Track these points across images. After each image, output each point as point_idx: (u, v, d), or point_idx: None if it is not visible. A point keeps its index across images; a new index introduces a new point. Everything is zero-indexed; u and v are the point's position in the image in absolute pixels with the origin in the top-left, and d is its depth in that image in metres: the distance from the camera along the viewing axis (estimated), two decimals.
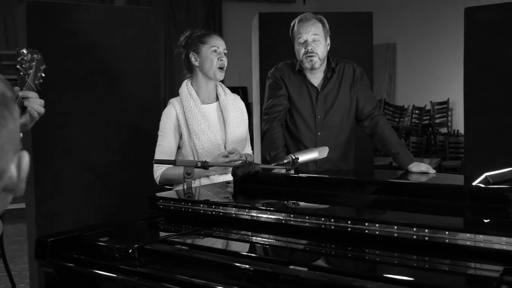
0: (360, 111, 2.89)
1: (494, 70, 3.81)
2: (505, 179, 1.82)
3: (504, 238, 1.33)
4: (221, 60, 2.67)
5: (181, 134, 2.66)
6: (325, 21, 2.84)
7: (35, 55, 1.99)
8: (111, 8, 5.02)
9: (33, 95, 1.91)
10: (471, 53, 3.90)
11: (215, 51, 2.66)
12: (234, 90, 10.99)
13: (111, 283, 1.55)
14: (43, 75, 1.99)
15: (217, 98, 2.77)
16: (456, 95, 9.35)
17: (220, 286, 1.39)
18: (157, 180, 2.69)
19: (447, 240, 1.39)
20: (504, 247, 1.32)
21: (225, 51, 2.72)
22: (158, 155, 2.64)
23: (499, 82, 3.80)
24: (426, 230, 1.42)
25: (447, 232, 1.39)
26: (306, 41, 2.78)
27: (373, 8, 11.87)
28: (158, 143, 2.68)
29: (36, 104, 1.90)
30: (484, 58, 3.85)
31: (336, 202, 1.95)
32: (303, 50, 2.80)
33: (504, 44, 3.80)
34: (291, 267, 1.38)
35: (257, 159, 3.73)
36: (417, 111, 10.80)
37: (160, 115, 2.76)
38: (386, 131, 2.85)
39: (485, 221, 1.62)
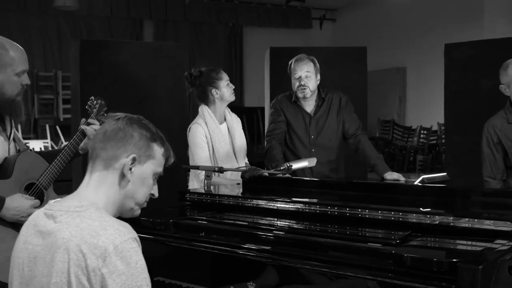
0: (346, 131, 3.63)
1: (468, 98, 4.50)
2: (435, 180, 2.53)
3: (414, 214, 2.04)
4: (232, 87, 3.49)
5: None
6: (316, 61, 3.58)
7: (99, 101, 2.70)
8: (146, 44, 5.80)
9: (95, 122, 2.60)
10: (449, 83, 4.61)
11: (228, 84, 3.44)
12: (253, 110, 12.05)
13: (157, 245, 2.29)
14: (105, 115, 2.65)
15: (225, 119, 3.54)
16: None
17: (226, 246, 2.11)
18: (202, 183, 3.17)
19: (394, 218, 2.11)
20: (422, 221, 2.02)
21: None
22: (200, 163, 3.31)
23: (473, 109, 4.48)
24: (366, 210, 2.14)
25: (390, 212, 2.10)
26: (300, 77, 3.55)
27: (384, 35, 12.61)
28: (196, 154, 3.39)
29: (96, 127, 2.55)
30: (461, 88, 4.55)
31: (315, 194, 2.66)
32: (297, 84, 3.56)
33: (478, 75, 4.49)
34: (274, 232, 2.10)
35: None
36: (424, 131, 11.42)
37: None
38: (367, 147, 3.58)
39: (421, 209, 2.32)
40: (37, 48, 11.51)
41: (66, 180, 5.18)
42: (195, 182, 3.40)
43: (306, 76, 3.54)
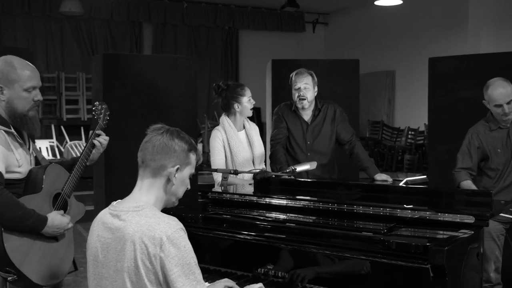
0: (341, 139, 4.16)
1: (450, 108, 5.03)
2: (417, 182, 3.06)
3: (399, 210, 2.57)
4: (253, 103, 3.98)
5: (225, 152, 3.91)
6: (314, 75, 4.09)
7: (103, 105, 2.95)
8: (162, 57, 6.25)
9: (101, 133, 2.89)
10: (433, 94, 5.14)
11: (249, 100, 3.95)
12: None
13: (188, 235, 2.79)
14: (108, 118, 2.95)
15: (243, 127, 4.04)
16: None
17: (244, 235, 2.62)
18: (219, 184, 3.68)
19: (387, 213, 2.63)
20: (404, 215, 2.54)
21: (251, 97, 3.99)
22: (214, 166, 3.83)
23: (454, 118, 5.02)
24: (360, 206, 2.66)
25: (379, 208, 2.62)
26: (299, 88, 4.06)
27: (375, 39, 13.11)
28: (213, 156, 3.90)
29: (102, 139, 2.87)
30: (444, 99, 5.08)
31: (315, 193, 3.18)
32: (297, 94, 4.08)
33: (460, 87, 5.02)
34: (286, 224, 2.62)
35: (269, 167, 4.98)
36: (412, 132, 11.98)
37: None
38: (360, 152, 4.11)
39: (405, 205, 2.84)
40: (41, 50, 11.91)
41: (88, 178, 5.66)
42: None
43: (305, 87, 4.05)
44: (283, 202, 2.95)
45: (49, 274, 2.55)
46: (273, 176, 3.46)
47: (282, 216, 2.82)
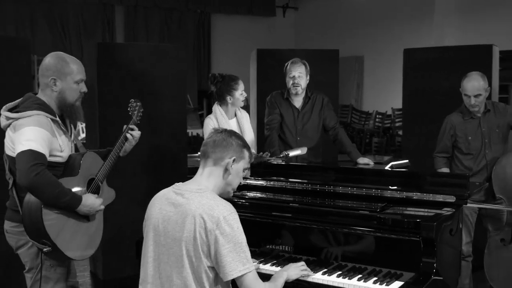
0: (327, 125, 4.51)
1: (423, 95, 5.41)
2: (401, 166, 3.41)
3: (389, 191, 2.91)
4: (245, 96, 4.26)
5: None
6: (307, 64, 4.42)
7: (138, 103, 3.29)
8: (152, 46, 6.40)
9: (134, 127, 3.20)
10: (408, 82, 5.51)
11: (241, 94, 4.23)
12: (210, 93, 12.34)
13: None
14: (141, 114, 3.29)
15: (235, 115, 4.33)
16: None
17: (256, 215, 2.92)
18: None
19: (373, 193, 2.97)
20: (394, 195, 2.89)
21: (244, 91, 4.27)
22: None
23: (426, 104, 5.41)
24: (354, 188, 2.99)
25: (371, 189, 2.96)
26: (294, 76, 4.38)
27: (344, 24, 13.44)
28: None
29: (135, 133, 3.19)
30: (417, 87, 5.46)
31: (308, 176, 3.50)
32: (291, 82, 4.40)
33: (432, 76, 5.40)
34: (291, 204, 2.94)
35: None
36: (379, 116, 12.44)
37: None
38: (343, 138, 4.46)
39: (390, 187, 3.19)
40: (11, 33, 11.83)
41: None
42: None
43: (299, 76, 4.38)
44: (282, 184, 3.27)
45: (79, 249, 2.81)
46: (268, 160, 3.77)
47: (285, 197, 3.14)
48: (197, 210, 2.24)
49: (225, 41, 14.09)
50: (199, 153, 6.99)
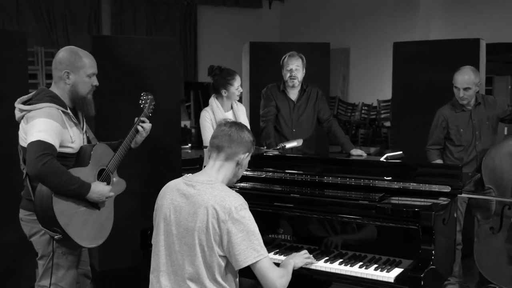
0: (321, 118, 4.61)
1: (411, 88, 5.53)
2: (396, 157, 3.52)
3: (386, 182, 3.01)
4: (240, 91, 4.33)
5: None
6: (304, 58, 4.51)
7: (149, 96, 3.42)
8: (147, 39, 6.46)
9: (146, 120, 3.31)
10: (397, 75, 5.62)
11: (237, 88, 4.29)
12: (206, 85, 12.74)
13: None
14: (153, 108, 3.41)
15: (231, 107, 4.40)
16: None
17: (259, 206, 3.01)
18: None
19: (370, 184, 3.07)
20: (391, 186, 2.99)
21: (240, 86, 4.34)
22: (207, 143, 4.18)
23: (415, 96, 5.53)
24: (352, 179, 3.09)
25: (368, 180, 3.06)
26: (291, 69, 4.47)
27: (329, 17, 13.52)
28: (204, 135, 4.28)
29: (146, 125, 3.30)
30: (406, 80, 5.58)
31: (305, 167, 3.59)
32: (288, 74, 4.50)
33: (421, 69, 5.52)
34: (291, 194, 3.03)
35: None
36: (365, 108, 12.59)
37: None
38: (337, 130, 4.58)
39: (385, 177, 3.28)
40: None
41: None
42: (207, 159, 4.28)
43: (296, 69, 4.48)
44: (280, 175, 3.36)
45: (90, 237, 2.89)
46: (265, 152, 3.85)
47: (286, 188, 3.23)
48: (209, 201, 2.33)
49: (212, 33, 14.11)
50: (189, 144, 7.11)
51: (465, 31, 9.86)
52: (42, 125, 2.74)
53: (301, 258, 2.65)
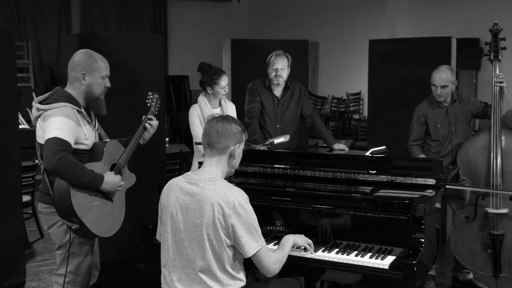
0: (304, 114, 4.81)
1: (386, 83, 5.78)
2: (380, 152, 3.73)
3: (375, 176, 3.22)
4: (226, 91, 4.47)
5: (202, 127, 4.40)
6: (289, 57, 4.68)
7: (155, 95, 3.59)
8: (132, 37, 6.46)
9: (153, 118, 3.48)
10: (372, 71, 5.86)
11: (223, 88, 4.43)
12: (179, 78, 13.05)
13: None
14: (159, 106, 3.58)
15: (220, 104, 4.55)
16: (366, 88, 11.43)
17: (256, 200, 3.17)
18: (203, 154, 4.20)
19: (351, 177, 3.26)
20: (380, 179, 3.19)
21: (227, 85, 4.48)
22: (197, 138, 4.32)
23: (390, 91, 5.78)
24: (343, 173, 3.29)
25: (358, 174, 3.25)
26: (277, 68, 4.64)
27: (298, 11, 13.68)
28: (193, 131, 4.43)
29: (153, 123, 3.47)
30: (382, 76, 5.83)
31: (293, 162, 3.77)
32: (273, 73, 4.67)
33: (394, 65, 5.78)
34: (287, 188, 3.20)
35: None
36: (335, 101, 12.86)
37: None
38: (320, 125, 4.79)
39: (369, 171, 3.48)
40: None
41: None
42: (197, 154, 4.43)
43: (282, 68, 4.67)
44: (273, 170, 3.53)
45: (104, 227, 3.11)
46: (255, 148, 4.01)
47: (281, 182, 3.40)
48: (214, 197, 2.48)
49: (183, 28, 14.16)
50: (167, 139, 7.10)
51: (429, 27, 10.22)
52: (58, 123, 2.92)
53: (303, 239, 2.84)
